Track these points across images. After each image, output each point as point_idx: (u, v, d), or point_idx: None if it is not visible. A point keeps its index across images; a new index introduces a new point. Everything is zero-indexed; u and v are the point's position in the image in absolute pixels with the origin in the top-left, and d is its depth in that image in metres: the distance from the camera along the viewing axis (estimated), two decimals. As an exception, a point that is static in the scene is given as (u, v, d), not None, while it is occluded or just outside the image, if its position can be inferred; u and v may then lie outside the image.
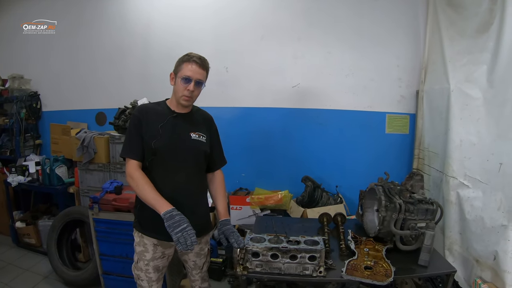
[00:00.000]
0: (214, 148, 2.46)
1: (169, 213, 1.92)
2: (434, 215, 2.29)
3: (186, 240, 1.84)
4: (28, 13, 5.14)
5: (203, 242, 2.47)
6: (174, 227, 1.87)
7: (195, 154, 2.30)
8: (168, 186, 2.18)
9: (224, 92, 4.42)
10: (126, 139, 2.27)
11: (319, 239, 2.12)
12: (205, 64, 2.27)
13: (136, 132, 2.20)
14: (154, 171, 2.20)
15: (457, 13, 3.26)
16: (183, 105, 2.25)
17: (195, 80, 2.18)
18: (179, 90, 2.20)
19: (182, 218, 1.91)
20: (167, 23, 4.51)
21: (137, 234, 2.32)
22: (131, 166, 2.16)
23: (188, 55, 2.23)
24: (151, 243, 2.26)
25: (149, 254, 2.27)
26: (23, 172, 4.60)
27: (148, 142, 2.17)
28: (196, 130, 2.31)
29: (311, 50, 4.18)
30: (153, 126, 2.19)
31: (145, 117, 2.22)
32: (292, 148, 4.34)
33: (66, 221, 3.96)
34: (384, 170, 2.82)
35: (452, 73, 3.18)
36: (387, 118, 4.08)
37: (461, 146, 2.99)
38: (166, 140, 2.19)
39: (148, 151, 2.18)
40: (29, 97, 5.16)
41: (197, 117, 2.41)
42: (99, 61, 4.85)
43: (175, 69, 2.25)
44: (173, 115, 2.26)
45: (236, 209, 4.10)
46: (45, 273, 4.04)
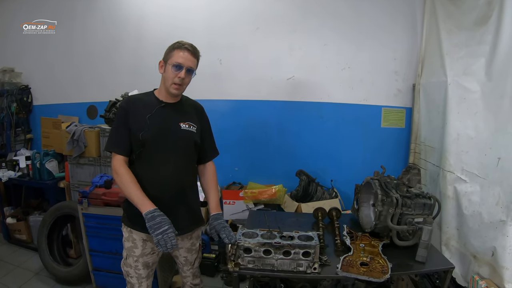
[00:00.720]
0: (205, 138, 2.39)
1: (151, 213, 1.89)
2: (431, 210, 2.24)
3: (166, 243, 1.82)
4: (22, 7, 5.05)
5: (194, 237, 2.41)
6: (155, 228, 1.85)
7: (185, 145, 2.22)
8: (157, 179, 2.12)
9: (217, 85, 4.36)
10: (111, 132, 2.20)
11: (313, 234, 2.05)
12: (197, 52, 2.21)
13: (123, 125, 2.13)
14: (142, 164, 2.14)
15: (455, 6, 3.22)
16: (172, 93, 2.18)
17: (186, 67, 2.11)
18: (169, 78, 2.13)
19: (163, 220, 1.89)
20: (160, 13, 4.43)
21: (125, 229, 2.25)
22: (117, 161, 2.10)
23: (179, 42, 2.17)
24: (140, 238, 2.19)
25: (138, 250, 2.20)
26: (14, 167, 4.53)
27: (135, 134, 2.09)
28: (186, 119, 2.24)
29: (307, 43, 4.12)
30: (141, 117, 2.12)
31: (132, 109, 2.15)
32: (286, 142, 4.30)
33: (56, 217, 3.88)
34: (379, 164, 2.78)
35: (449, 66, 3.15)
36: (383, 112, 4.06)
37: (458, 140, 2.95)
38: (155, 131, 2.12)
39: (136, 144, 2.11)
40: (20, 90, 5.07)
41: (187, 106, 2.34)
42: (90, 54, 4.77)
43: (165, 56, 2.18)
44: (161, 105, 2.19)
45: (229, 203, 4.06)
46: (36, 269, 3.97)
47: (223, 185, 4.34)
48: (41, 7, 4.95)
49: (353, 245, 2.20)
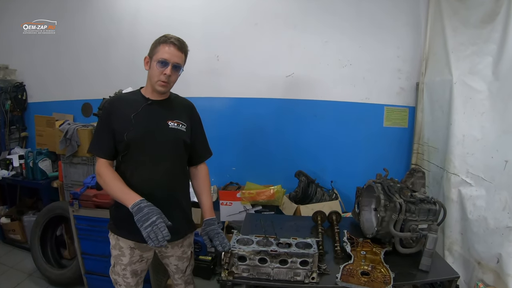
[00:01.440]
0: (196, 138, 2.26)
1: (137, 205, 1.74)
2: (436, 216, 2.15)
3: (156, 235, 1.65)
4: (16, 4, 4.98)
5: (186, 245, 2.29)
6: (143, 221, 1.68)
7: (173, 145, 2.10)
8: (145, 182, 1.99)
9: (214, 82, 4.28)
10: (94, 134, 2.10)
11: (312, 241, 1.96)
12: (184, 46, 2.08)
13: (106, 127, 2.02)
14: (129, 166, 2.03)
15: (460, 2, 3.12)
16: (159, 91, 2.05)
17: (172, 63, 1.99)
18: (154, 75, 2.00)
19: (151, 210, 1.73)
20: (156, 6, 4.35)
21: (112, 236, 2.14)
22: (99, 164, 2.00)
23: (165, 36, 2.05)
24: (127, 246, 2.09)
25: (126, 258, 2.10)
26: (7, 166, 4.46)
27: (120, 134, 1.97)
28: (174, 117, 2.12)
29: (307, 39, 4.03)
30: (126, 116, 2.00)
31: (116, 109, 2.05)
32: (285, 141, 4.21)
33: (49, 217, 3.82)
34: (381, 164, 2.71)
35: (455, 65, 3.05)
36: (385, 111, 3.96)
37: (463, 142, 2.86)
38: (140, 131, 2.00)
39: (121, 145, 1.99)
40: (14, 88, 5.00)
41: (176, 104, 2.22)
42: (85, 51, 4.69)
43: (150, 51, 2.06)
44: (147, 103, 2.07)
45: (226, 204, 3.98)
46: (30, 270, 3.92)
47: (220, 185, 4.28)
48: (36, 4, 4.88)
49: (353, 252, 2.11)
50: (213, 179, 4.25)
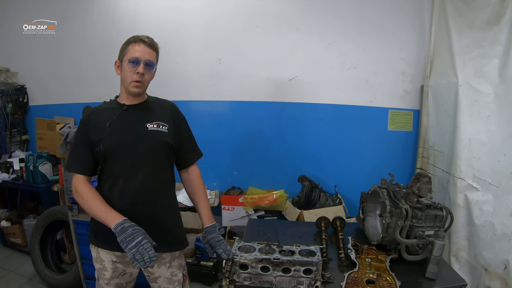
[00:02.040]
0: (182, 139, 2.15)
1: (120, 225, 1.65)
2: (443, 222, 2.10)
3: (143, 256, 1.57)
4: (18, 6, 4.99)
5: (175, 266, 2.13)
6: (127, 242, 1.60)
7: (154, 148, 1.98)
8: (126, 195, 1.90)
9: (216, 85, 4.24)
10: (70, 150, 2.03)
11: (315, 248, 1.91)
12: (154, 44, 2.01)
13: (82, 141, 1.95)
14: (108, 178, 1.93)
15: (465, 4, 3.09)
16: (133, 93, 1.96)
17: (144, 61, 1.90)
18: (127, 76, 1.92)
19: (136, 231, 1.64)
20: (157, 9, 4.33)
21: (93, 249, 2.05)
22: (76, 180, 1.90)
23: (133, 36, 1.97)
24: (109, 259, 1.98)
25: (108, 272, 2.01)
26: (8, 169, 4.46)
27: (97, 146, 1.89)
28: (153, 119, 2.00)
29: (310, 42, 3.99)
30: (102, 126, 1.91)
31: (91, 121, 1.96)
32: (288, 145, 4.17)
33: (49, 222, 3.81)
34: (385, 169, 2.69)
35: (460, 67, 3.01)
36: (389, 114, 3.92)
37: (469, 145, 2.83)
38: (117, 138, 1.90)
39: (99, 156, 1.91)
40: (15, 90, 4.99)
41: (155, 105, 2.11)
42: (86, 54, 4.68)
43: (120, 54, 1.98)
44: (123, 109, 1.97)
45: (228, 209, 3.93)
46: (30, 274, 3.90)
47: (221, 190, 4.25)
48: (37, 6, 4.88)
49: (358, 259, 2.05)
50: (215, 184, 4.26)
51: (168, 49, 4.22)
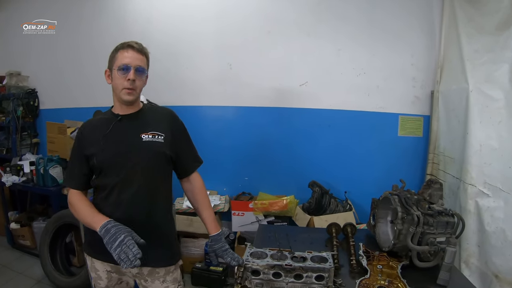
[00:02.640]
0: (181, 147, 2.09)
1: (104, 227, 1.63)
2: (455, 229, 2.08)
3: (127, 254, 1.52)
4: (28, 11, 5.06)
5: (169, 281, 2.06)
6: (111, 242, 1.57)
7: (150, 160, 1.93)
8: (120, 207, 1.85)
9: (227, 91, 4.26)
10: (67, 165, 2.00)
11: (327, 255, 1.90)
12: (144, 49, 1.94)
13: (76, 155, 1.94)
14: (102, 191, 1.90)
15: (475, 9, 3.08)
16: (126, 101, 1.89)
17: (134, 66, 1.84)
18: (118, 84, 1.86)
19: (119, 229, 1.61)
20: (167, 16, 4.36)
21: (88, 258, 2.02)
22: (70, 194, 1.90)
23: (121, 42, 1.92)
24: (103, 269, 1.96)
25: (104, 282, 1.99)
26: (18, 172, 4.49)
27: (92, 159, 1.87)
28: (148, 129, 1.94)
29: (320, 47, 3.99)
30: (96, 139, 1.88)
31: (86, 134, 1.93)
32: (299, 151, 4.16)
33: (59, 225, 3.83)
34: (395, 174, 2.68)
35: (471, 73, 2.99)
36: (400, 120, 3.91)
37: (480, 151, 2.81)
38: (111, 151, 1.87)
39: (95, 170, 1.90)
40: (26, 94, 5.05)
41: (151, 114, 2.04)
42: (96, 58, 4.64)
43: (109, 63, 1.93)
44: (117, 119, 1.92)
45: (238, 215, 3.92)
46: (38, 277, 3.93)
47: (232, 195, 4.25)
48: (47, 11, 4.96)
49: (369, 266, 2.05)
50: (225, 189, 4.28)
51: (178, 55, 4.27)
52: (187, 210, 3.88)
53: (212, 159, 4.22)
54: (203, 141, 4.16)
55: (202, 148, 4.19)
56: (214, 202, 4.01)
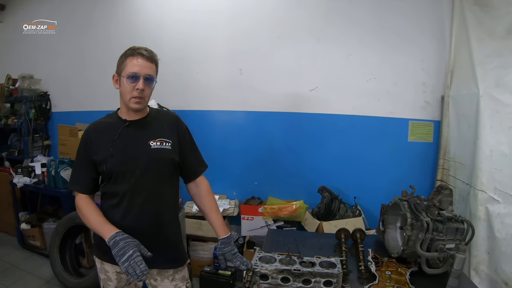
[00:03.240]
0: (187, 152, 2.08)
1: (113, 238, 1.65)
2: (464, 236, 2.07)
3: (135, 270, 1.56)
4: (38, 14, 5.15)
5: (178, 279, 2.09)
6: (120, 256, 1.60)
7: (158, 167, 1.94)
8: (129, 214, 1.87)
9: (237, 95, 4.27)
10: (73, 168, 1.99)
11: (336, 260, 1.91)
12: (154, 56, 1.92)
13: (83, 159, 1.93)
14: (111, 198, 1.91)
15: (485, 13, 3.05)
16: (134, 109, 1.89)
17: (144, 76, 1.83)
18: (126, 92, 1.85)
19: (127, 244, 1.63)
20: (178, 21, 4.40)
21: (97, 260, 2.03)
22: (78, 198, 1.90)
23: (131, 48, 1.90)
24: (113, 271, 1.97)
25: (113, 283, 2.00)
26: (29, 173, 4.53)
27: (100, 165, 1.87)
28: (156, 136, 1.95)
29: (330, 52, 3.99)
30: (104, 145, 1.88)
31: (93, 138, 1.91)
32: (308, 156, 4.15)
33: (69, 226, 3.86)
34: (405, 180, 2.66)
35: (481, 77, 2.96)
36: (410, 125, 3.87)
37: (491, 157, 2.79)
38: (119, 158, 1.87)
39: (103, 176, 1.91)
40: (38, 97, 5.13)
41: (157, 120, 2.03)
42: (108, 63, 4.68)
43: (118, 68, 1.92)
44: (125, 125, 1.92)
45: (248, 219, 3.93)
46: (47, 277, 3.96)
47: (241, 200, 4.26)
48: (58, 15, 5.05)
49: (378, 272, 2.04)
50: (235, 193, 4.29)
51: (189, 59, 4.29)
52: (196, 214, 3.88)
53: (222, 163, 4.26)
54: (213, 145, 4.18)
55: (211, 152, 4.22)
56: (224, 206, 4.01)
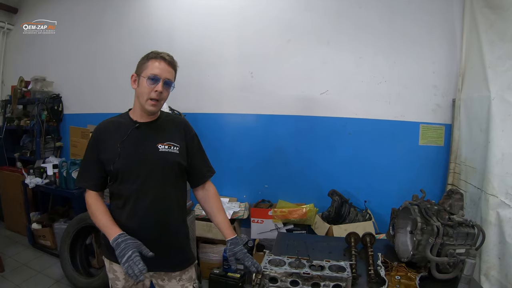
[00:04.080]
0: (194, 157, 2.11)
1: (115, 240, 1.68)
2: (475, 240, 2.05)
3: (133, 270, 1.59)
4: (48, 16, 5.25)
5: (185, 279, 2.11)
6: (121, 257, 1.63)
7: (166, 170, 1.96)
8: (136, 214, 1.88)
9: (248, 99, 4.28)
10: (81, 165, 2.01)
11: (345, 264, 1.90)
12: (174, 62, 1.97)
13: (92, 157, 1.94)
14: (120, 196, 1.93)
15: (496, 15, 3.00)
16: (149, 111, 1.92)
17: (163, 79, 1.87)
18: (144, 93, 1.87)
19: (127, 245, 1.66)
20: (190, 24, 4.44)
21: (106, 260, 2.06)
22: (88, 195, 1.94)
23: (154, 52, 1.93)
24: (121, 270, 1.96)
25: (121, 282, 2.02)
26: (41, 174, 4.57)
27: (107, 164, 1.89)
28: (165, 140, 1.97)
29: (340, 55, 3.99)
30: (113, 144, 1.90)
31: (102, 136, 1.94)
32: (318, 159, 4.14)
33: (80, 227, 3.89)
34: (416, 184, 2.64)
35: (493, 80, 2.93)
36: (421, 129, 3.84)
37: (502, 161, 2.75)
38: (128, 159, 1.89)
39: (110, 175, 1.92)
40: (51, 99, 5.20)
41: (166, 124, 2.06)
42: (121, 64, 4.77)
43: (138, 68, 1.94)
44: (135, 126, 1.94)
45: (257, 222, 3.92)
46: (57, 277, 3.98)
47: (251, 203, 4.26)
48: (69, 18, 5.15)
49: (388, 276, 2.03)
50: (245, 196, 4.30)
51: (200, 63, 4.31)
52: (206, 216, 3.87)
53: (232, 166, 4.28)
54: (224, 148, 4.20)
55: (222, 155, 4.24)
56: (234, 209, 4.02)
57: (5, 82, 5.98)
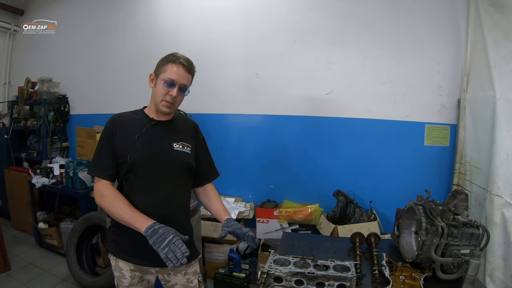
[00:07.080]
0: (201, 159, 2.18)
1: (151, 228, 1.67)
2: (479, 241, 2.05)
3: (175, 253, 1.59)
4: (54, 18, 5.32)
5: (190, 273, 2.15)
6: (159, 242, 1.62)
7: (178, 168, 2.02)
8: (148, 208, 1.87)
9: (253, 99, 4.30)
10: (95, 155, 1.98)
11: (350, 264, 1.90)
12: (192, 68, 2.02)
13: (107, 147, 1.94)
14: (130, 190, 1.94)
15: (500, 13, 2.99)
16: (163, 111, 1.98)
17: (179, 84, 1.92)
18: (159, 94, 1.93)
19: (166, 230, 1.67)
20: (195, 25, 4.47)
21: (112, 258, 2.05)
22: (101, 184, 1.90)
23: (174, 55, 1.97)
24: (127, 268, 2.00)
25: (127, 280, 2.02)
26: (48, 174, 4.61)
27: (123, 156, 1.90)
28: (179, 139, 2.04)
29: (346, 56, 3.99)
30: (129, 137, 1.92)
31: (118, 128, 1.95)
32: (324, 159, 4.15)
33: (86, 226, 3.93)
34: (421, 184, 2.63)
35: (497, 80, 2.93)
36: (426, 129, 3.83)
37: (507, 161, 2.74)
38: (145, 153, 1.92)
39: (124, 167, 1.92)
40: (57, 100, 5.26)
41: (180, 124, 2.14)
42: (127, 65, 4.84)
43: (157, 69, 1.99)
44: (151, 123, 2.00)
45: (263, 222, 3.93)
46: (63, 275, 4.02)
47: (257, 203, 4.28)
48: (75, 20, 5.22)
49: (392, 277, 2.03)
50: (250, 196, 4.31)
51: (206, 64, 4.34)
52: (212, 216, 3.88)
53: (238, 167, 4.30)
54: (229, 148, 4.22)
55: (228, 155, 4.25)
56: (239, 209, 4.03)
57: (12, 83, 6.04)
